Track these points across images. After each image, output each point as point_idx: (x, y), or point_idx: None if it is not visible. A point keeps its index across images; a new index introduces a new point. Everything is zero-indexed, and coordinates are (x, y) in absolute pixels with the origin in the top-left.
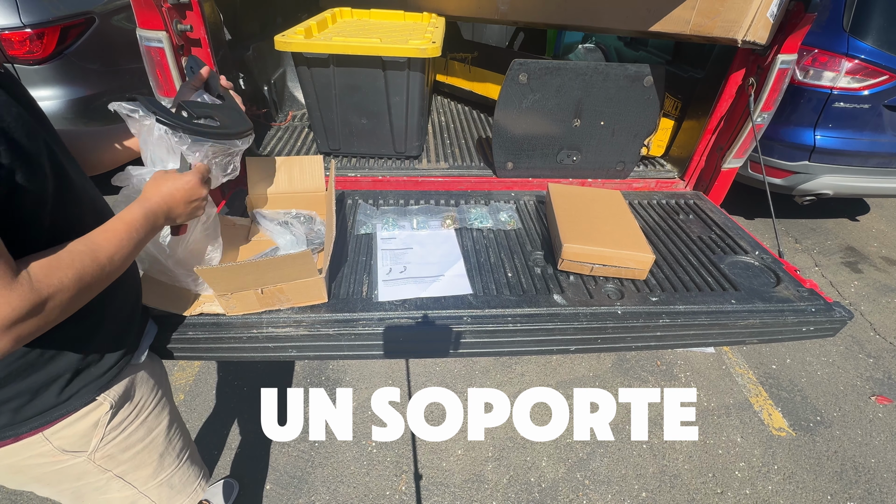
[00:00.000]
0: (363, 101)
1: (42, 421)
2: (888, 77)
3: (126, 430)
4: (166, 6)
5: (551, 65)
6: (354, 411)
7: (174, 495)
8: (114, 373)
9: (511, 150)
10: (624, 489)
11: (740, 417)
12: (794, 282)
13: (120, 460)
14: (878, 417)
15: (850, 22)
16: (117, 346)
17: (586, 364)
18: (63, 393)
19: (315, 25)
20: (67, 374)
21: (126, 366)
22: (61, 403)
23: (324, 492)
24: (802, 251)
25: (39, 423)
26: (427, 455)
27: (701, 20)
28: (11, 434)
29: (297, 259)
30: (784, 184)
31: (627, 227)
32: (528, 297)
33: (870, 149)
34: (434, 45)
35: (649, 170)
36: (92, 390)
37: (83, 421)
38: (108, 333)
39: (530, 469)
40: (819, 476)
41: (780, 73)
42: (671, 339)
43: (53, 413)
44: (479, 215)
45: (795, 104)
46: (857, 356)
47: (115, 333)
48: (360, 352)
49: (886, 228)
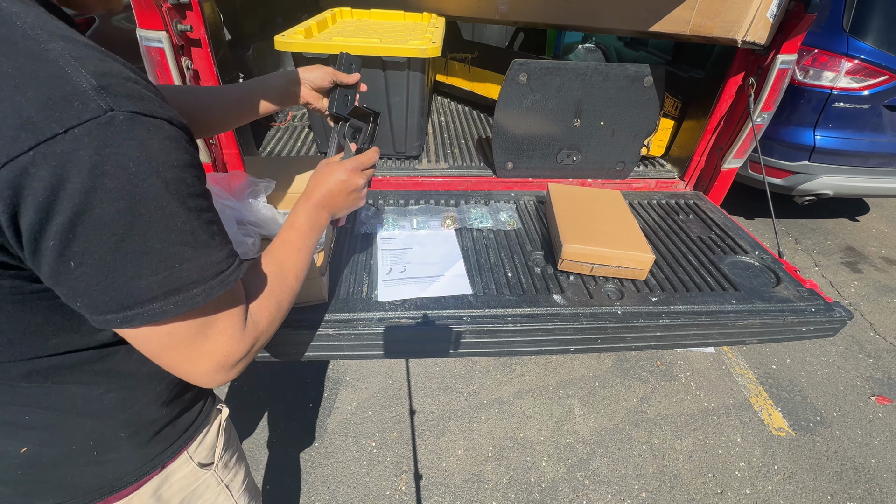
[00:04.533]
0: (363, 101)
1: (185, 440)
2: (888, 77)
3: (229, 436)
4: (166, 6)
5: (551, 65)
6: (354, 411)
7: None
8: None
9: (511, 150)
10: (624, 489)
11: (740, 417)
12: (793, 282)
13: (229, 467)
14: (878, 417)
15: (850, 22)
16: None
17: (586, 364)
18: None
19: (315, 25)
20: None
21: None
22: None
23: (323, 492)
24: (802, 251)
25: (184, 443)
26: (427, 455)
27: (701, 20)
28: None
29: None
30: (784, 184)
31: (627, 228)
32: (528, 297)
33: (870, 149)
34: (434, 45)
35: (649, 170)
36: (213, 400)
37: (211, 432)
38: None
39: (530, 469)
40: (819, 476)
41: (779, 74)
42: (671, 339)
43: (194, 429)
44: (479, 215)
45: (795, 104)
46: (856, 356)
47: None
48: (360, 352)
49: (886, 228)
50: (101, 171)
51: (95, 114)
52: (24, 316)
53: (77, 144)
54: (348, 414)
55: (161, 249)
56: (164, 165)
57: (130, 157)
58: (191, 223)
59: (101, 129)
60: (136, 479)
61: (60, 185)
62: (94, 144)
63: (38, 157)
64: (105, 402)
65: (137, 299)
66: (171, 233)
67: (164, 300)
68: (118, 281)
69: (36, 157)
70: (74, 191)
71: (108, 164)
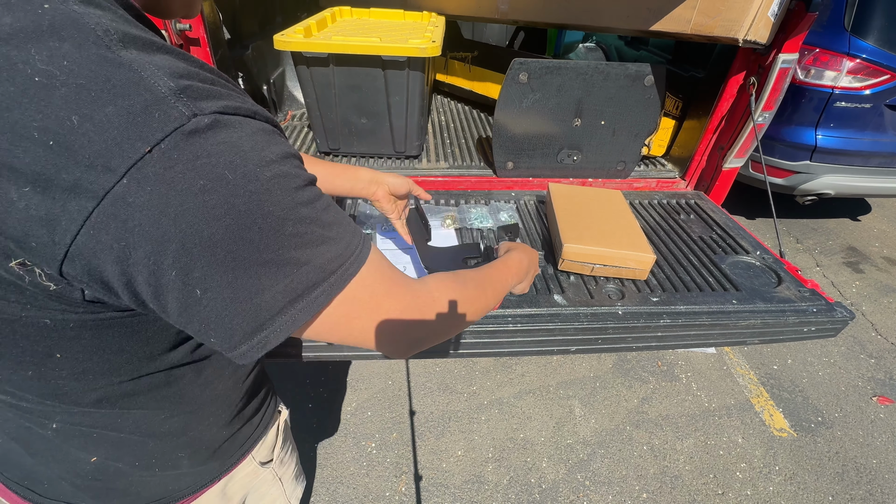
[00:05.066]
0: (363, 101)
1: (249, 446)
2: (889, 76)
3: (287, 434)
4: None
5: (552, 64)
6: (354, 411)
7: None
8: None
9: (511, 150)
10: (625, 490)
11: (741, 418)
12: (795, 282)
13: (284, 462)
14: (880, 418)
15: (852, 21)
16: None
17: (587, 364)
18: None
19: (314, 25)
20: (260, 398)
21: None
22: (260, 424)
23: (323, 493)
24: (804, 251)
25: (247, 449)
26: (427, 456)
27: (702, 19)
28: (229, 466)
29: None
30: (785, 183)
31: (628, 227)
32: (528, 297)
33: (871, 148)
34: (434, 44)
35: (650, 169)
36: (275, 403)
37: (271, 432)
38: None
39: (531, 470)
40: (820, 477)
41: (781, 73)
42: (672, 339)
43: (256, 435)
44: (480, 215)
45: (797, 104)
46: (858, 356)
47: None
48: (360, 352)
49: (888, 228)
50: (199, 188)
51: (179, 122)
52: (101, 343)
53: (168, 161)
54: (348, 414)
55: (277, 258)
56: (260, 164)
57: (225, 165)
58: (302, 222)
59: (188, 138)
60: (195, 490)
61: (163, 210)
62: (184, 158)
63: (132, 183)
64: (168, 427)
65: (267, 315)
66: (284, 237)
67: (291, 308)
68: (244, 299)
69: (130, 183)
70: (178, 214)
71: (204, 178)
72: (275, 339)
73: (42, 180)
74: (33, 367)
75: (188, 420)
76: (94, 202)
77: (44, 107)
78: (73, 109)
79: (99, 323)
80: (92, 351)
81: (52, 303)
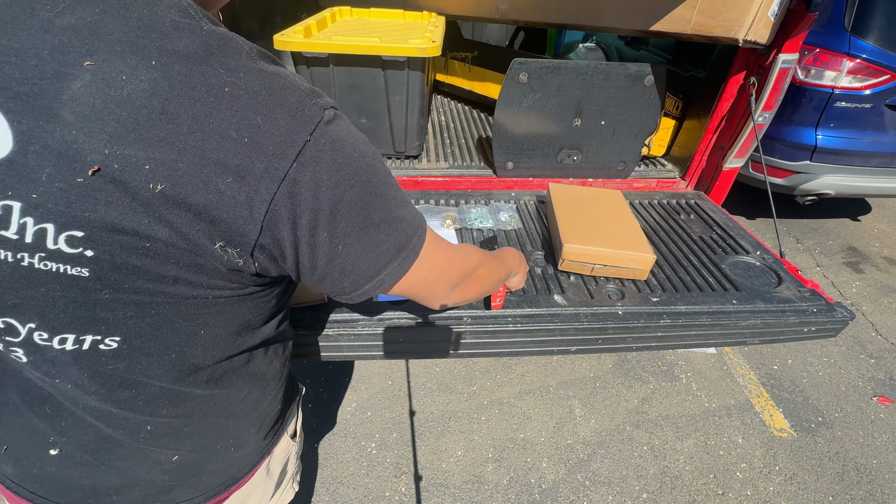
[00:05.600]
0: (363, 101)
1: (292, 414)
2: (890, 76)
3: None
4: None
5: (552, 64)
6: (354, 411)
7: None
8: None
9: (511, 150)
10: (625, 490)
11: (741, 418)
12: (795, 282)
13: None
14: (880, 418)
15: (852, 21)
16: None
17: (587, 365)
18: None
19: (314, 25)
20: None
21: None
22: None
23: (323, 493)
24: (804, 251)
25: (291, 418)
26: (427, 456)
27: (702, 19)
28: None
29: None
30: (785, 183)
31: (628, 228)
32: (528, 297)
33: (871, 148)
34: (434, 44)
35: (650, 169)
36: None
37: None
38: None
39: (531, 470)
40: (821, 477)
41: (781, 73)
42: (672, 339)
43: (292, 413)
44: (480, 215)
45: (797, 104)
46: (858, 357)
47: None
48: (360, 352)
49: (888, 228)
50: (338, 165)
51: (320, 116)
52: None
53: (319, 147)
54: (348, 415)
55: (388, 216)
56: (364, 144)
57: (349, 145)
58: (395, 187)
59: (327, 127)
60: (252, 468)
61: (318, 185)
62: (328, 143)
63: (299, 166)
64: (246, 403)
65: (384, 262)
66: (389, 200)
67: (398, 256)
68: (370, 251)
69: (298, 166)
70: (329, 187)
71: (341, 157)
72: (390, 280)
73: (242, 171)
74: (177, 348)
75: (259, 396)
76: (276, 184)
77: (236, 111)
78: (256, 112)
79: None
80: (225, 324)
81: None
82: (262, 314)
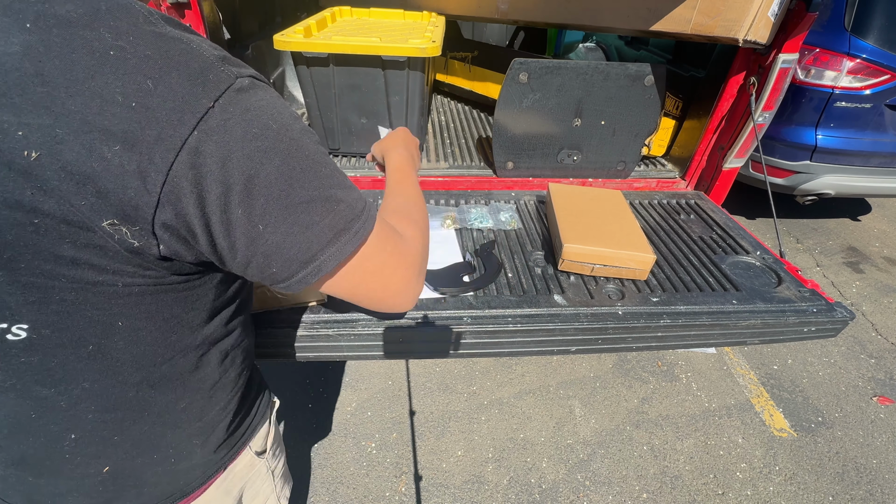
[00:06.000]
0: (363, 101)
1: (249, 436)
2: (890, 76)
3: (276, 424)
4: (165, 5)
5: (552, 64)
6: (354, 411)
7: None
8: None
9: (511, 150)
10: (625, 490)
11: (741, 418)
12: (795, 282)
13: (276, 455)
14: (880, 418)
15: (852, 21)
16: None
17: (587, 365)
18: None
19: (314, 25)
20: (256, 386)
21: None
22: (258, 414)
23: (323, 493)
24: (804, 251)
25: (247, 439)
26: (427, 456)
27: (702, 19)
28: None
29: None
30: (785, 183)
31: (628, 228)
32: (528, 297)
33: (871, 148)
34: (434, 44)
35: (650, 169)
36: (268, 394)
37: (267, 420)
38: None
39: (531, 470)
40: (820, 477)
41: (781, 73)
42: (672, 339)
43: (255, 424)
44: (480, 215)
45: (797, 104)
46: (858, 357)
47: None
48: (359, 352)
49: (888, 228)
50: (252, 135)
51: (229, 81)
52: (157, 308)
53: (226, 114)
54: (348, 415)
55: (320, 195)
56: (291, 118)
57: (269, 116)
58: (330, 167)
59: (238, 95)
60: (203, 482)
61: (227, 156)
62: (238, 111)
63: (202, 134)
64: (188, 413)
65: (318, 246)
66: (321, 178)
67: (337, 241)
68: (299, 233)
69: (201, 135)
70: (240, 158)
71: (256, 127)
72: (326, 266)
73: (130, 138)
74: (95, 340)
75: (203, 406)
76: (174, 153)
77: (122, 74)
78: (146, 76)
79: (159, 288)
80: (148, 317)
81: (127, 266)
82: (196, 309)
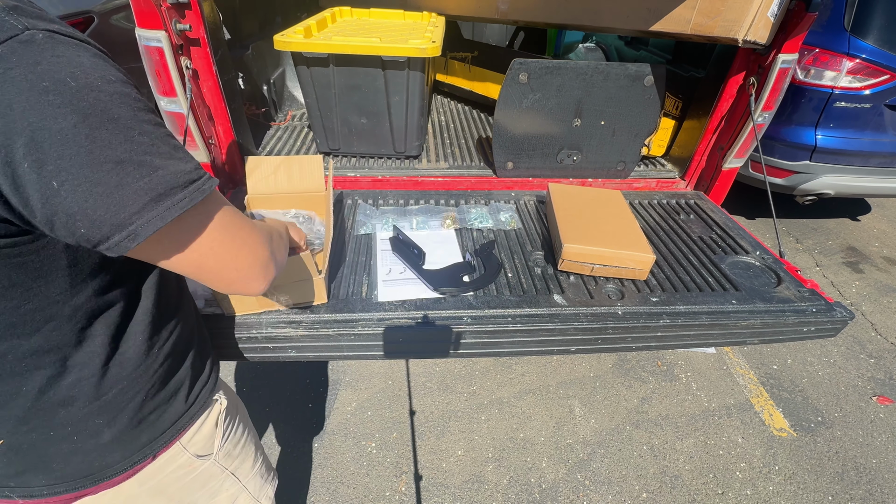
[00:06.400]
0: (363, 101)
1: (176, 430)
2: (889, 76)
3: (233, 424)
4: (165, 5)
5: (552, 64)
6: (354, 411)
7: (263, 484)
8: (216, 372)
9: (511, 150)
10: (624, 490)
11: (741, 418)
12: (795, 282)
13: (233, 455)
14: (880, 418)
15: (851, 21)
16: (209, 347)
17: (587, 364)
18: (189, 399)
19: (314, 25)
20: (187, 379)
21: (216, 364)
22: (188, 409)
23: (323, 492)
24: (803, 251)
25: (174, 433)
26: (427, 456)
27: (701, 20)
28: (157, 447)
29: (296, 260)
30: (785, 183)
31: (628, 228)
32: (528, 297)
33: (871, 148)
34: (434, 44)
35: (650, 170)
36: (208, 392)
37: (207, 423)
38: (202, 336)
39: (530, 470)
40: (820, 477)
41: (781, 73)
42: (672, 339)
43: (184, 420)
44: (480, 215)
45: (796, 104)
46: (858, 356)
47: (204, 335)
48: (359, 352)
49: (888, 228)
50: (42, 88)
51: (13, 32)
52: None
53: (6, 64)
54: (348, 414)
55: (131, 159)
56: (102, 80)
57: (67, 73)
58: (149, 134)
59: (24, 46)
60: (125, 468)
61: (8, 105)
62: (23, 63)
63: None
64: (78, 390)
65: (132, 208)
66: (134, 143)
67: (155, 206)
68: (105, 193)
69: None
70: (24, 109)
71: (47, 81)
72: (144, 232)
73: None
74: None
75: (97, 383)
76: None
77: None
78: None
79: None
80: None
81: None
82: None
